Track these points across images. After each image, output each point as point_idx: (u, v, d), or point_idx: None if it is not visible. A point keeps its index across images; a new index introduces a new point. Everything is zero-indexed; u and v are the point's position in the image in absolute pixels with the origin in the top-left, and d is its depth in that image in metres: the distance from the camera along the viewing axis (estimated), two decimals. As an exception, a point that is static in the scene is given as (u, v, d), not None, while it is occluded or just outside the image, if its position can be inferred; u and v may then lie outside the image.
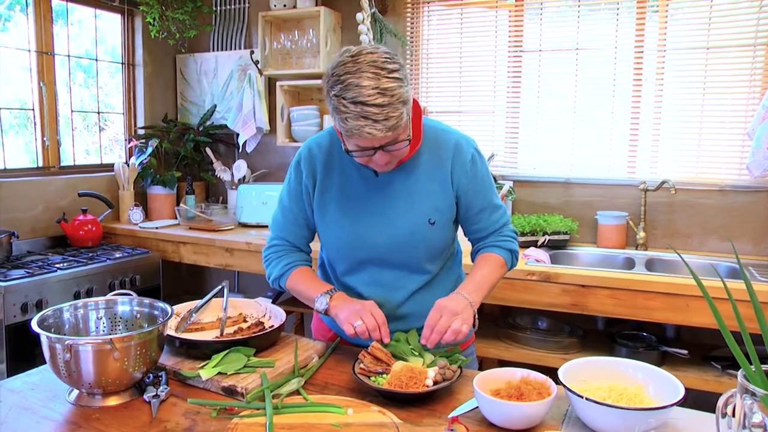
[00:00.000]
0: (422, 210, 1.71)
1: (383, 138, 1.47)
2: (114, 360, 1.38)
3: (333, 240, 1.81)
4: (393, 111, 1.44)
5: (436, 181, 1.72)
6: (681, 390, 1.33)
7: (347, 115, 1.43)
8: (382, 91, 1.42)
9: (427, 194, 1.72)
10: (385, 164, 1.59)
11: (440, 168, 1.72)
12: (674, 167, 3.32)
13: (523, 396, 1.37)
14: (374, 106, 1.41)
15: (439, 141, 1.74)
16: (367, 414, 1.37)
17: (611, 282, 2.69)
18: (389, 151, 1.54)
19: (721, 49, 3.17)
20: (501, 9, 3.64)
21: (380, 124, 1.43)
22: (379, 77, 1.43)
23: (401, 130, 1.51)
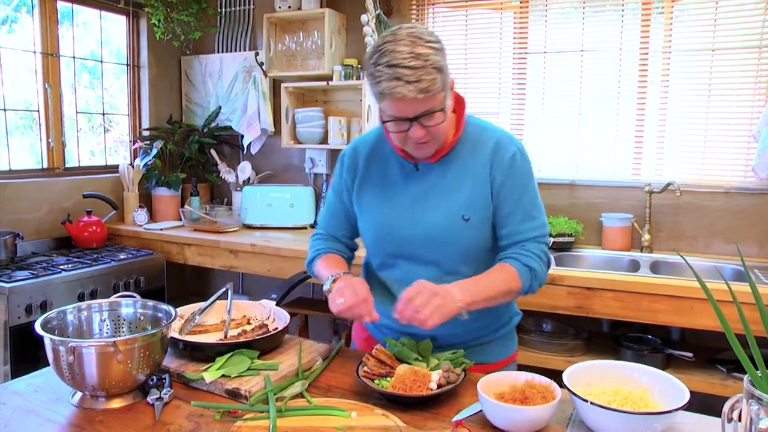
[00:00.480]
0: (456, 205, 1.67)
1: (415, 102, 1.48)
2: (117, 362, 1.38)
3: (368, 231, 1.81)
4: (426, 74, 1.45)
5: (472, 177, 1.67)
6: (686, 394, 1.32)
7: (381, 78, 1.47)
8: (416, 55, 1.45)
9: (462, 189, 1.67)
10: (422, 142, 1.58)
11: (478, 164, 1.67)
12: (679, 169, 3.30)
13: (528, 400, 1.36)
14: (407, 68, 1.44)
15: (481, 137, 1.70)
16: (371, 417, 1.37)
17: (616, 284, 2.68)
18: (424, 125, 1.54)
19: (727, 51, 3.16)
20: (506, 10, 3.64)
21: (412, 85, 1.44)
22: (415, 44, 1.47)
23: (435, 98, 1.50)
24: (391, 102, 1.50)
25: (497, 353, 1.83)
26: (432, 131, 1.56)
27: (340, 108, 4.01)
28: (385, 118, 1.57)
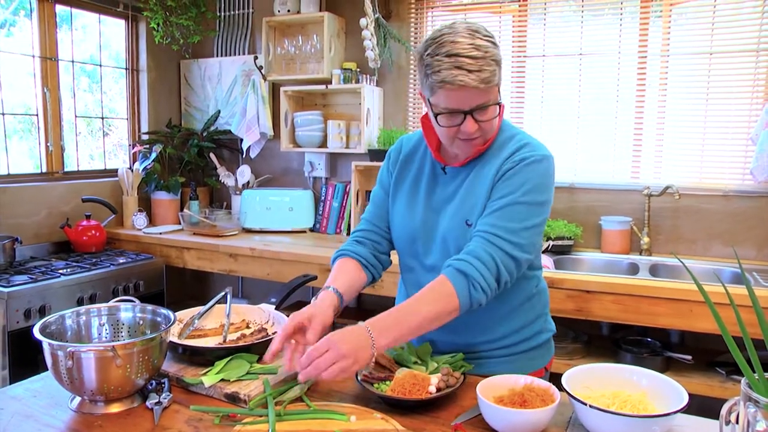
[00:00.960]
0: (465, 209, 1.65)
1: (474, 93, 1.48)
2: (116, 367, 1.38)
3: (396, 232, 1.82)
4: (486, 65, 1.46)
5: (483, 184, 1.63)
6: (685, 397, 1.32)
7: (441, 67, 1.46)
8: (476, 46, 1.46)
9: (473, 193, 1.64)
10: (472, 138, 1.57)
11: (490, 171, 1.63)
12: (678, 172, 3.31)
13: (527, 403, 1.36)
14: (468, 57, 1.45)
15: (508, 143, 1.65)
16: (370, 421, 1.37)
17: (615, 288, 2.69)
18: (478, 120, 1.53)
19: (725, 54, 3.16)
20: (505, 14, 3.64)
21: (474, 74, 1.45)
22: (474, 37, 1.48)
23: (491, 91, 1.51)
24: (450, 92, 1.49)
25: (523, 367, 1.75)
26: (483, 126, 1.55)
27: (339, 111, 4.01)
28: (438, 111, 1.54)
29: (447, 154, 1.73)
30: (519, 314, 1.76)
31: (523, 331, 1.78)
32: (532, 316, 1.79)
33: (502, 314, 1.73)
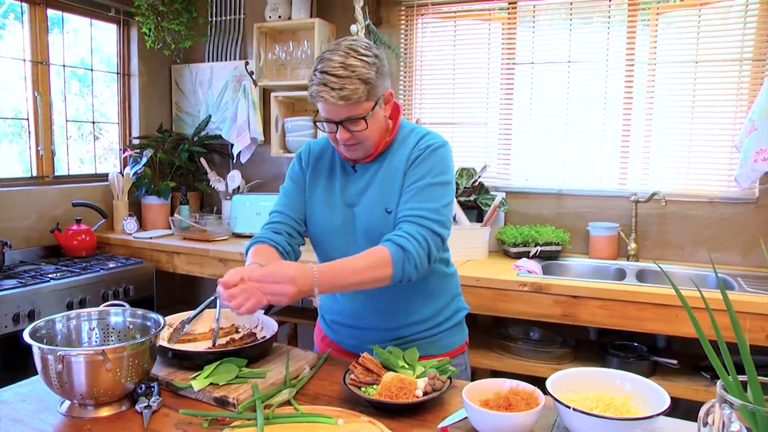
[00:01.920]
0: (382, 200, 1.78)
1: (337, 108, 1.64)
2: (106, 371, 1.39)
3: (317, 228, 1.90)
4: (349, 84, 1.61)
5: (396, 171, 1.79)
6: (667, 400, 1.35)
7: (313, 81, 1.65)
8: (345, 65, 1.61)
9: (389, 184, 1.78)
10: (349, 144, 1.72)
11: (402, 158, 1.79)
12: (665, 179, 3.35)
13: (512, 406, 1.38)
14: (334, 75, 1.60)
15: (409, 136, 1.83)
16: (357, 424, 1.39)
17: (602, 293, 2.71)
18: (349, 130, 1.68)
19: (709, 63, 3.21)
20: (494, 21, 3.68)
21: (335, 92, 1.60)
22: (348, 56, 1.63)
23: (358, 106, 1.65)
24: (321, 104, 1.67)
25: (448, 344, 1.94)
26: (357, 136, 1.70)
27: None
28: (317, 118, 1.75)
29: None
30: (438, 295, 1.91)
31: (444, 311, 1.94)
32: (448, 297, 1.96)
33: (424, 296, 1.88)
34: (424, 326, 1.90)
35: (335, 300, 1.95)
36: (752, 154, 2.91)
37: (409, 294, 1.84)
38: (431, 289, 1.89)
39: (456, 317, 1.98)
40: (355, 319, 1.91)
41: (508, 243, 3.33)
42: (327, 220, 1.86)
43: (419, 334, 1.89)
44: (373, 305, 1.86)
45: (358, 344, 1.90)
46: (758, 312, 2.47)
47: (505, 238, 3.35)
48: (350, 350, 1.95)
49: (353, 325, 1.93)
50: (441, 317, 1.93)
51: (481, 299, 2.90)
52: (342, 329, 1.97)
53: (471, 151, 3.78)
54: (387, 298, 1.83)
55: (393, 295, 1.82)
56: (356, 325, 1.92)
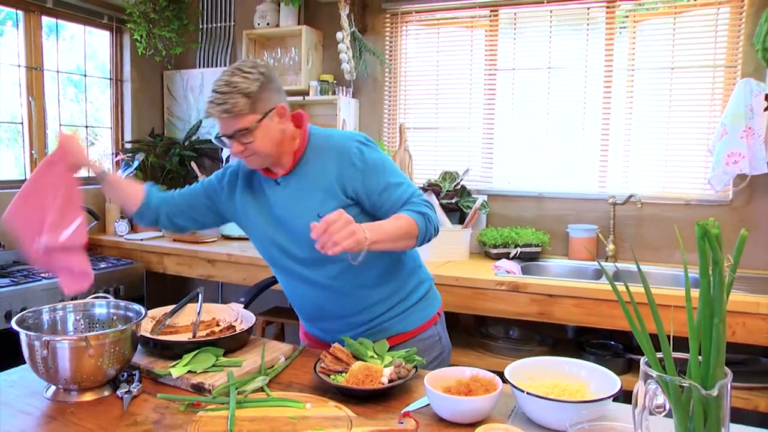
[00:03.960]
0: (313, 206, 1.84)
1: (223, 121, 1.76)
2: (89, 357, 1.47)
3: (260, 241, 2.02)
4: (230, 98, 1.72)
5: (323, 178, 1.86)
6: (617, 385, 1.44)
7: (206, 99, 1.78)
8: (228, 82, 1.74)
9: (317, 191, 1.86)
10: (245, 156, 1.82)
11: (327, 166, 1.87)
12: (643, 182, 3.44)
13: (471, 392, 1.47)
14: (217, 92, 1.74)
15: (325, 143, 1.91)
16: (324, 408, 1.47)
17: (577, 291, 2.80)
18: (241, 142, 1.78)
19: (685, 69, 3.31)
20: (477, 29, 3.77)
21: (218, 107, 1.73)
22: (233, 75, 1.75)
23: (242, 119, 1.75)
24: (214, 121, 1.79)
25: (417, 319, 2.01)
26: (250, 147, 1.79)
27: (316, 122, 4.06)
28: (216, 133, 1.84)
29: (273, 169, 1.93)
30: (398, 268, 1.98)
31: (405, 285, 2.00)
32: (407, 270, 2.01)
33: (380, 274, 1.93)
34: (388, 304, 1.96)
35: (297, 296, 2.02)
36: (724, 157, 3.01)
37: (364, 275, 1.89)
38: (391, 261, 1.95)
39: (420, 289, 2.04)
40: (318, 311, 1.99)
41: (489, 244, 3.41)
42: (266, 233, 1.96)
43: (385, 314, 1.95)
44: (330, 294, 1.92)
45: (329, 336, 1.98)
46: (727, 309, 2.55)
47: (486, 239, 3.44)
48: (326, 341, 2.02)
49: (319, 316, 2.00)
50: (403, 292, 1.99)
51: (459, 298, 2.98)
52: (314, 323, 2.05)
53: (454, 155, 3.87)
54: (343, 284, 1.90)
55: (348, 280, 1.89)
56: (321, 316, 1.99)
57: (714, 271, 0.94)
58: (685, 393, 0.97)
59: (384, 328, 1.92)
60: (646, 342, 1.02)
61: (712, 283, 0.95)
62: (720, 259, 0.92)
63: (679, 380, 0.96)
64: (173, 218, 2.10)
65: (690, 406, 0.96)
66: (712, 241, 0.90)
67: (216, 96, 1.74)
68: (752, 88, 2.95)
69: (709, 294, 0.95)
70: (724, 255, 0.93)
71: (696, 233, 0.93)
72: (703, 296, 0.96)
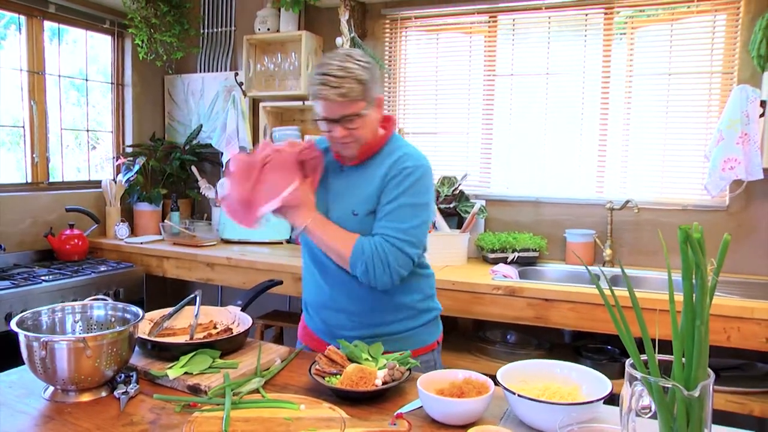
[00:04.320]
0: (351, 202, 1.94)
1: (335, 104, 1.79)
2: (87, 358, 1.49)
3: None
4: (347, 83, 1.77)
5: (372, 179, 1.93)
6: (608, 388, 1.46)
7: (313, 82, 1.81)
8: (343, 67, 1.78)
9: (361, 189, 1.94)
10: (344, 141, 1.88)
11: (380, 169, 1.93)
12: (640, 187, 3.46)
13: (464, 394, 1.48)
14: (333, 76, 1.77)
15: (394, 151, 1.96)
16: (318, 410, 1.49)
17: (572, 296, 2.82)
18: (346, 127, 1.83)
19: (682, 75, 3.33)
20: (475, 35, 3.80)
21: (334, 90, 1.77)
22: (346, 61, 1.80)
23: (354, 105, 1.81)
24: (320, 102, 1.82)
25: (419, 341, 2.05)
26: (353, 133, 1.86)
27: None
28: (317, 117, 1.88)
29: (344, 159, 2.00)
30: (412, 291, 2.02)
31: (417, 306, 2.05)
32: (422, 295, 2.07)
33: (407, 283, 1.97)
34: (397, 315, 2.00)
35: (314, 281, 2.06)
36: (720, 162, 3.03)
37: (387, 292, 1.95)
38: (406, 284, 1.98)
39: (428, 314, 2.08)
40: (331, 300, 2.01)
41: (487, 249, 3.43)
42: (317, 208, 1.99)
43: (391, 325, 2.00)
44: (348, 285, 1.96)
45: (328, 331, 2.03)
46: (722, 314, 2.58)
47: (484, 244, 3.46)
48: (322, 338, 2.06)
49: (328, 305, 2.02)
50: (413, 311, 2.03)
51: (456, 302, 3.00)
52: (320, 312, 2.06)
53: (452, 160, 3.90)
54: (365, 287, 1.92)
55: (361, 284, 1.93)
56: (330, 305, 2.02)
57: (696, 275, 0.96)
58: (669, 394, 0.99)
59: (385, 341, 1.91)
60: (631, 344, 1.04)
61: (695, 287, 0.96)
62: (702, 263, 0.94)
63: (662, 381, 0.98)
64: None
65: (674, 407, 0.98)
66: (694, 245, 0.92)
67: (330, 79, 1.77)
68: (748, 95, 2.97)
69: (692, 297, 0.96)
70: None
71: (678, 237, 0.95)
72: (686, 299, 0.98)
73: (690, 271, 0.96)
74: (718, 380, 2.77)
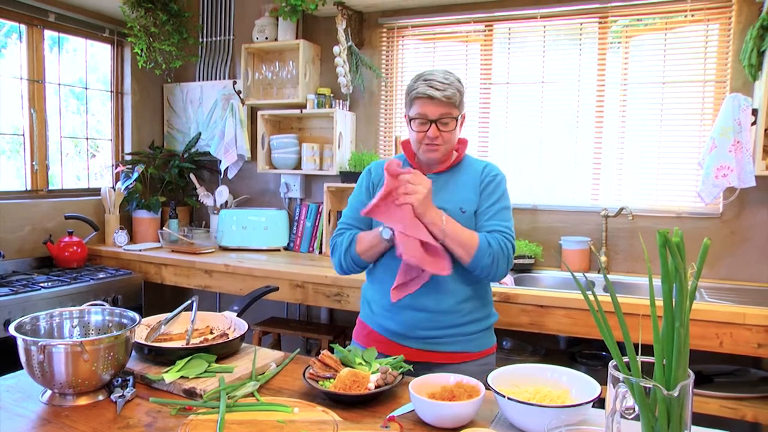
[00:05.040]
0: (457, 202, 2.13)
1: (439, 104, 2.01)
2: (84, 362, 1.52)
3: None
4: (451, 88, 2.02)
5: (467, 184, 2.17)
6: (598, 391, 1.48)
7: (417, 86, 2.03)
8: (447, 76, 2.06)
9: (459, 192, 2.15)
10: (435, 144, 2.07)
11: (472, 176, 2.18)
12: (635, 195, 3.49)
13: (455, 398, 1.51)
14: (439, 81, 2.02)
15: (475, 163, 2.24)
16: (311, 413, 1.52)
17: (567, 302, 2.84)
18: (441, 130, 2.05)
19: (676, 84, 3.36)
20: (471, 43, 3.84)
21: (440, 91, 2.00)
22: (447, 73, 2.07)
23: (452, 108, 2.04)
24: (422, 101, 2.03)
25: (484, 344, 2.19)
26: (444, 136, 2.06)
27: (313, 135, 4.19)
28: (413, 116, 2.08)
29: (424, 167, 2.19)
30: (480, 295, 2.19)
31: (487, 307, 2.23)
32: (487, 299, 2.25)
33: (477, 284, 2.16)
34: (469, 316, 2.14)
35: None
36: (713, 170, 3.05)
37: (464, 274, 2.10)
38: (475, 287, 2.16)
39: (491, 318, 2.24)
40: (410, 298, 2.07)
41: (483, 255, 3.45)
42: None
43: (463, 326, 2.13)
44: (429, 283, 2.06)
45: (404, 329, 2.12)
46: (715, 320, 2.60)
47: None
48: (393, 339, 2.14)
49: (407, 305, 2.09)
50: (483, 312, 2.19)
51: (452, 308, 3.02)
52: (399, 313, 2.12)
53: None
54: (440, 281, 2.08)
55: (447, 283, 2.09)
56: (409, 305, 2.09)
57: (675, 278, 0.98)
58: (651, 395, 1.02)
59: (456, 341, 2.11)
60: (613, 346, 1.07)
61: (675, 290, 0.99)
62: (681, 267, 0.97)
63: (643, 381, 1.00)
64: None
65: (655, 407, 1.01)
66: (673, 249, 0.95)
67: (437, 83, 2.00)
68: (740, 103, 3.00)
69: (671, 300, 0.99)
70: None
71: (657, 241, 0.98)
72: (666, 303, 1.00)
73: (668, 274, 0.98)
74: (711, 386, 2.80)
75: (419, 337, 2.09)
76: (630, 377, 1.01)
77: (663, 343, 1.01)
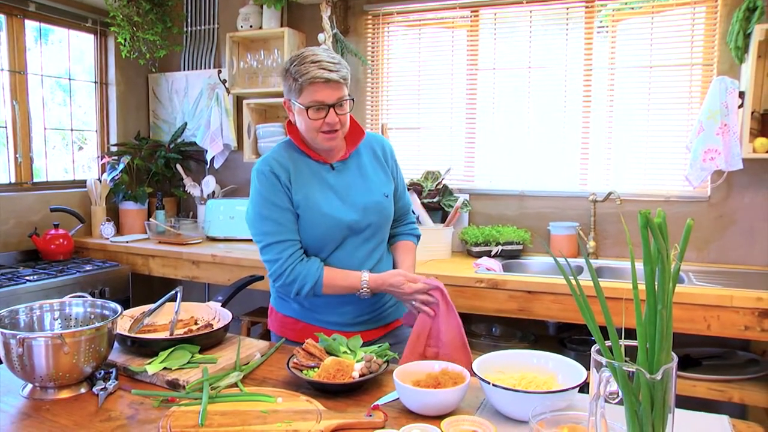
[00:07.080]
0: (378, 188, 2.11)
1: (336, 86, 1.90)
2: (65, 354, 1.50)
3: (317, 225, 2.02)
4: (342, 68, 1.93)
5: (378, 167, 2.16)
6: (583, 376, 1.47)
7: (308, 71, 1.87)
8: (332, 56, 1.93)
9: (376, 176, 2.13)
10: (334, 130, 1.95)
11: (378, 157, 2.17)
12: (623, 179, 3.49)
13: (440, 385, 1.50)
14: (329, 62, 1.90)
15: (372, 143, 2.19)
16: (295, 402, 1.50)
17: (555, 288, 2.83)
18: (338, 113, 1.93)
19: (663, 68, 3.35)
20: (457, 29, 3.81)
21: (335, 73, 1.89)
22: (329, 53, 1.95)
23: (344, 89, 1.94)
24: (318, 87, 1.88)
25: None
26: (342, 120, 1.95)
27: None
28: (308, 104, 1.91)
29: (323, 154, 2.06)
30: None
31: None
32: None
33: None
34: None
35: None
36: (701, 153, 3.05)
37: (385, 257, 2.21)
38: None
39: None
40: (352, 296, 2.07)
41: (470, 242, 3.45)
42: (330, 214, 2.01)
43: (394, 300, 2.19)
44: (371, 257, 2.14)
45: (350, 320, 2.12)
46: (702, 303, 2.60)
47: (468, 237, 3.47)
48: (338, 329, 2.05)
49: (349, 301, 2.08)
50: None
51: (441, 295, 3.01)
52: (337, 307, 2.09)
53: (436, 155, 3.91)
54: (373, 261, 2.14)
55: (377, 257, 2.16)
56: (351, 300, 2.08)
57: (657, 260, 0.97)
58: (634, 379, 1.01)
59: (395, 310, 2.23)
60: (596, 331, 1.06)
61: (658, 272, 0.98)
62: (663, 248, 0.96)
63: (625, 365, 0.99)
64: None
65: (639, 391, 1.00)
66: (655, 230, 0.94)
67: (327, 64, 1.89)
68: (727, 86, 2.99)
69: (653, 282, 0.98)
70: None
71: (639, 222, 0.96)
72: (648, 285, 0.99)
73: (650, 256, 0.97)
74: (699, 369, 2.80)
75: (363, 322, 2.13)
76: (613, 362, 1.00)
77: (646, 326, 1.00)
